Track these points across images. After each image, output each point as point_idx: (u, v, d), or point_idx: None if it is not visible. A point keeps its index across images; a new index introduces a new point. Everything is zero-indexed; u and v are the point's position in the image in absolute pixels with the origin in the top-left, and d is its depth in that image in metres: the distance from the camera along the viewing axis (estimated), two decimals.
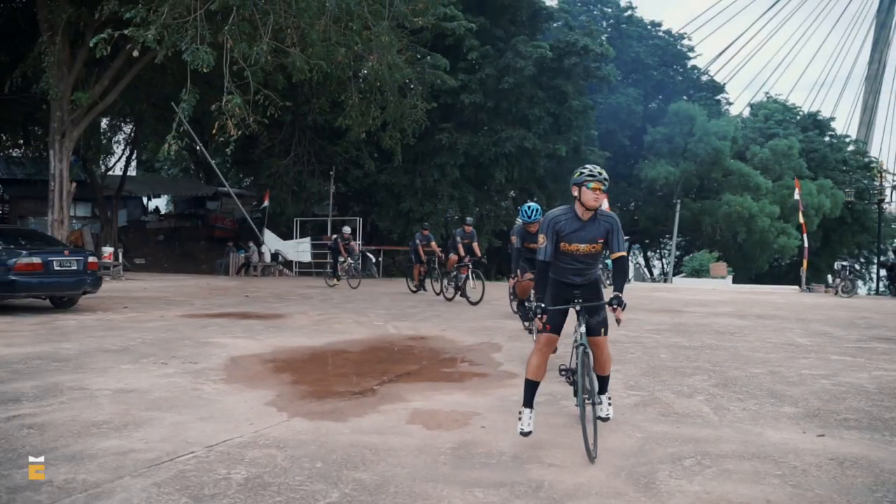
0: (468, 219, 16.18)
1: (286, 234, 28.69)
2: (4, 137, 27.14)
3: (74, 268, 11.51)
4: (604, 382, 4.97)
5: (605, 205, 4.71)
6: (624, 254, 4.71)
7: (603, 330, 4.69)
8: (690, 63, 46.88)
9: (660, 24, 45.41)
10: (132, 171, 41.18)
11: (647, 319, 12.36)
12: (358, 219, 28.26)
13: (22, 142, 27.40)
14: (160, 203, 45.89)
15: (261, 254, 26.97)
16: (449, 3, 23.16)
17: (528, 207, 8.98)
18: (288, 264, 27.72)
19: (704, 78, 48.39)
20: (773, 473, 4.28)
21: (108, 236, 29.13)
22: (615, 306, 4.49)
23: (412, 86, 21.58)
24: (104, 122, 27.41)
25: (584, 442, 4.39)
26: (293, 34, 13.77)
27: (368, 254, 26.69)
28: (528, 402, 4.72)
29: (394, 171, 28.03)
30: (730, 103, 52.32)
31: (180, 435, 4.78)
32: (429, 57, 23.36)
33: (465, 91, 26.71)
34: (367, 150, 26.98)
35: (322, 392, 6.30)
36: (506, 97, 27.24)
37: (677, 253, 43.23)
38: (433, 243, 16.93)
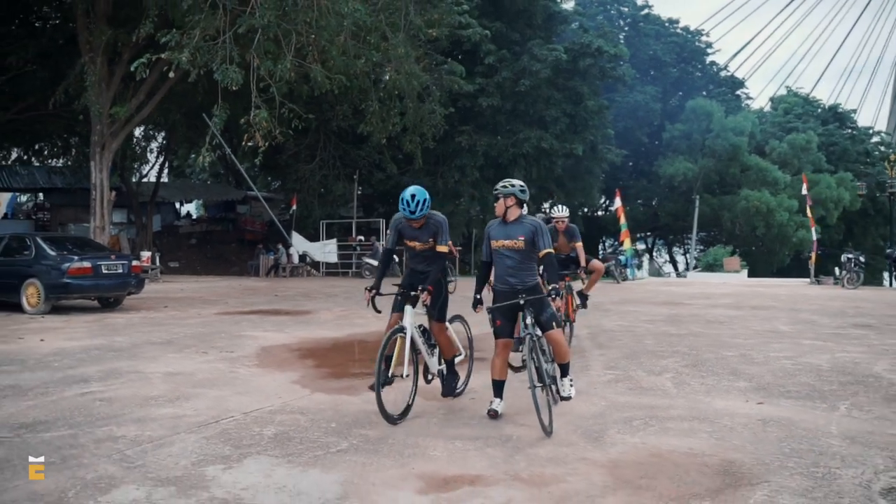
0: (560, 208, 9.13)
1: (313, 236, 29.87)
2: (47, 149, 28.62)
3: (120, 271, 12.70)
4: (564, 368, 5.66)
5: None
6: (550, 251, 5.44)
7: (554, 324, 5.56)
8: (709, 59, 47.34)
9: (677, 21, 45.95)
10: (165, 178, 42.89)
11: (646, 311, 13.23)
12: (381, 220, 29.34)
13: (62, 153, 28.84)
14: (191, 208, 47.52)
15: (289, 255, 28.17)
16: (463, 12, 24.11)
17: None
18: (315, 265, 28.87)
19: (724, 74, 48.71)
20: (704, 430, 5.21)
21: (143, 241, 30.54)
22: (553, 297, 5.35)
23: (430, 92, 22.53)
24: (138, 132, 28.75)
25: (539, 420, 5.08)
26: (314, 51, 14.83)
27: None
28: (498, 394, 5.57)
29: (416, 173, 29.08)
30: (750, 98, 52.61)
31: (222, 405, 5.83)
32: (445, 64, 24.31)
33: (483, 94, 27.66)
34: (390, 153, 28.04)
35: (340, 373, 7.33)
36: (523, 99, 28.15)
37: (700, 248, 43.76)
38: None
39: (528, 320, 5.33)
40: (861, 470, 4.33)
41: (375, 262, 21.67)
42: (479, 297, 5.56)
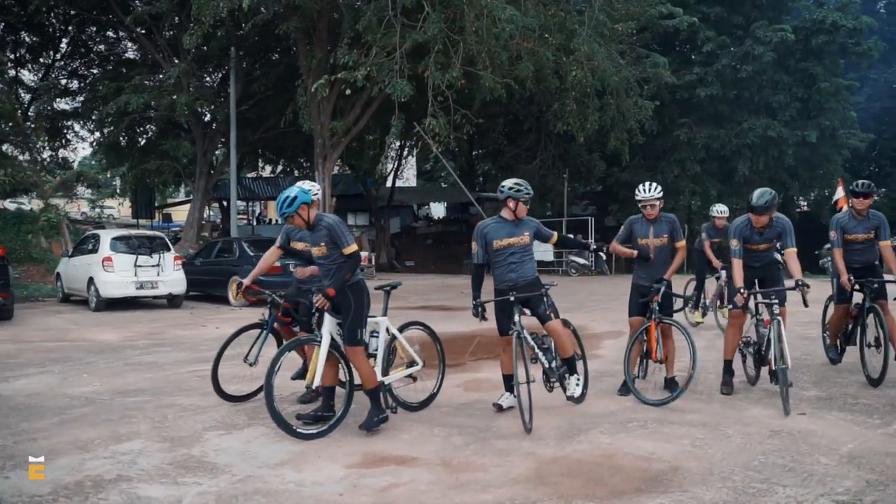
0: (719, 208, 9.54)
1: None
2: (285, 163, 32.76)
3: None
4: (570, 364, 5.66)
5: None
6: (555, 234, 5.87)
7: (552, 314, 5.58)
8: None
9: None
10: (412, 182, 46.49)
11: None
12: (590, 218, 29.18)
13: (298, 166, 32.69)
14: (437, 210, 50.83)
15: None
16: (666, 1, 23.14)
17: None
18: None
19: None
20: (692, 437, 4.96)
21: (381, 242, 33.54)
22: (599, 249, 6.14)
23: (630, 86, 21.98)
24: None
25: (521, 418, 5.12)
26: (485, 58, 15.46)
27: (601, 252, 27.42)
28: (507, 388, 5.69)
29: (634, 169, 28.45)
30: None
31: (283, 383, 6.66)
32: (648, 58, 23.52)
33: (702, 84, 26.19)
34: (600, 151, 27.75)
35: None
36: (747, 86, 26.13)
37: None
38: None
39: (517, 317, 5.45)
40: (808, 490, 3.92)
41: (583, 261, 21.73)
42: (483, 301, 5.52)
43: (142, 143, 28.95)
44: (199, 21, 17.23)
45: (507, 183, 5.64)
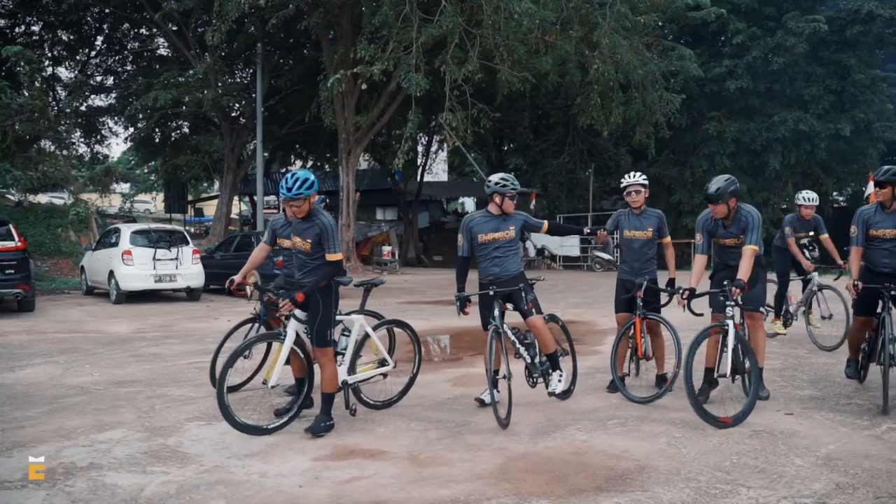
0: (807, 195, 8.12)
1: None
2: (312, 158, 33.05)
3: None
4: (553, 360, 5.61)
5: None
6: (546, 222, 5.82)
7: (534, 310, 5.52)
8: None
9: None
10: (443, 177, 46.52)
11: None
12: (615, 212, 28.81)
13: (319, 160, 32.96)
14: (470, 204, 50.80)
15: (525, 248, 28.97)
16: None
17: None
18: (553, 258, 29.30)
19: None
20: (668, 435, 4.86)
21: (409, 236, 33.61)
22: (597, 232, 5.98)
23: (656, 79, 21.69)
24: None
25: (494, 414, 5.06)
26: (503, 51, 15.38)
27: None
28: (490, 383, 5.47)
29: (663, 164, 28.12)
30: None
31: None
32: (674, 50, 23.16)
33: (732, 77, 25.70)
34: (627, 145, 27.44)
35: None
36: (778, 79, 25.58)
37: None
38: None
39: (496, 311, 5.41)
40: (773, 493, 3.83)
41: (607, 256, 21.62)
42: (465, 294, 5.55)
43: (174, 139, 29.54)
44: (221, 17, 17.45)
45: (494, 178, 5.62)
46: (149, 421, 5.36)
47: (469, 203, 49.32)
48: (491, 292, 5.43)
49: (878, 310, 5.51)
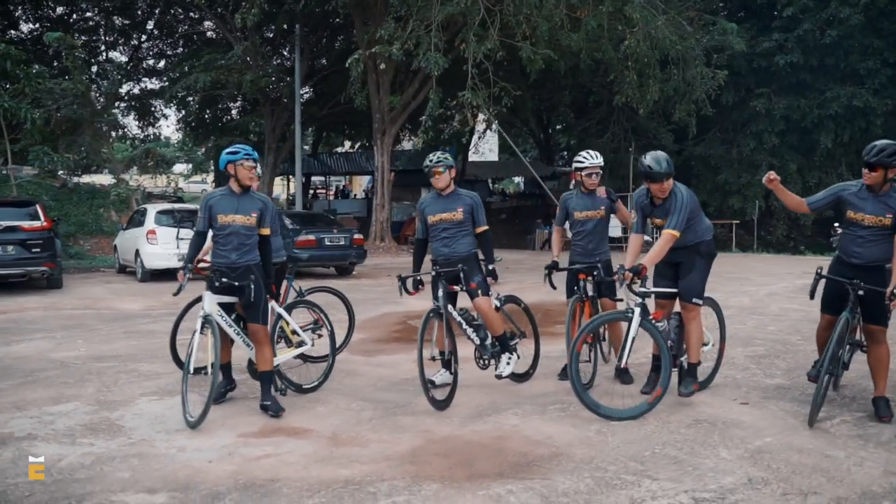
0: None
1: None
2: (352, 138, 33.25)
3: (342, 243, 14.66)
4: (503, 342, 5.54)
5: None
6: (487, 228, 5.53)
7: (480, 292, 5.43)
8: None
9: None
10: (494, 157, 46.31)
11: None
12: None
13: (365, 140, 33.08)
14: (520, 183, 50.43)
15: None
16: None
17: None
18: None
19: None
20: (602, 423, 4.73)
21: None
22: (491, 278, 5.40)
23: (696, 55, 20.96)
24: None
25: (425, 394, 4.98)
26: (526, 28, 15.09)
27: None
28: (443, 364, 5.53)
29: (709, 142, 27.29)
30: None
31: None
32: (714, 25, 22.33)
33: (782, 51, 24.64)
34: (668, 123, 26.69)
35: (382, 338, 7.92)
36: (832, 52, 24.37)
37: None
38: None
39: (440, 292, 5.37)
40: (676, 485, 3.71)
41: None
42: (419, 277, 5.57)
43: (224, 121, 30.19)
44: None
45: (430, 156, 5.52)
46: (105, 395, 5.54)
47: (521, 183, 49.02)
48: (432, 273, 5.40)
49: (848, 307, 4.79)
